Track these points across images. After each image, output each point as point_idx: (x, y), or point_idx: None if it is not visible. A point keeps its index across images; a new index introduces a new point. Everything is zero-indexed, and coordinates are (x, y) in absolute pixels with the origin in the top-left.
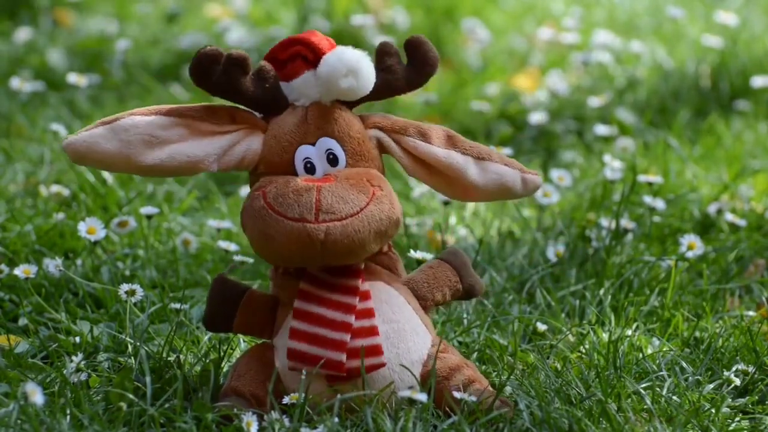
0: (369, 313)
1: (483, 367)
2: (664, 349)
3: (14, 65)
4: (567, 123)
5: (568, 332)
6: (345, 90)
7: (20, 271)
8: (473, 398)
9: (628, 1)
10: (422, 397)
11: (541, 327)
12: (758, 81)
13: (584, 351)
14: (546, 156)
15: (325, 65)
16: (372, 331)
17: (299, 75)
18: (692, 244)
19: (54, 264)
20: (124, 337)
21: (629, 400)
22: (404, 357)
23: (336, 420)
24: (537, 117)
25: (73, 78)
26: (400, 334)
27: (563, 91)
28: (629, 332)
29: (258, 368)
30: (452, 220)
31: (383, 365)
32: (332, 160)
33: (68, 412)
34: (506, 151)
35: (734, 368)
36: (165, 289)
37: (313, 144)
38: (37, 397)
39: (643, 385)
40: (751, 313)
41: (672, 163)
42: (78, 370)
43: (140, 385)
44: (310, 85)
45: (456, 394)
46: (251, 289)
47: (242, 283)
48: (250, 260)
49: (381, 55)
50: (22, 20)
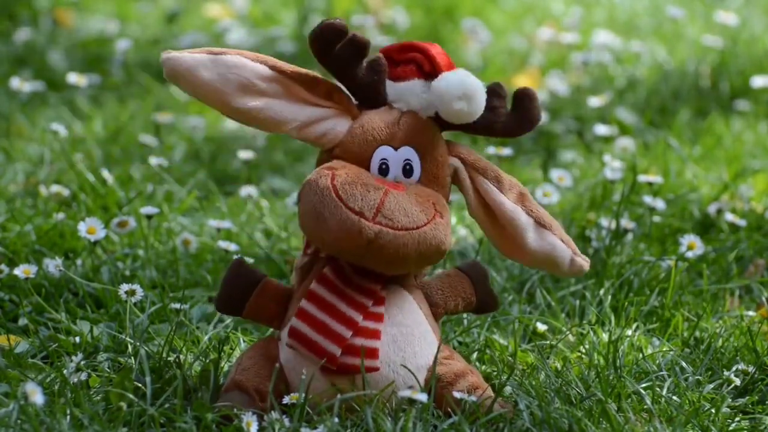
0: (378, 318)
1: (483, 368)
2: (664, 349)
3: (14, 65)
4: (567, 123)
5: (568, 332)
6: (454, 112)
7: (20, 271)
8: (473, 398)
9: (628, 1)
10: (422, 397)
11: (541, 327)
12: (758, 81)
13: (584, 351)
14: (546, 156)
15: (444, 81)
16: (374, 334)
17: (408, 80)
18: (692, 244)
19: (54, 264)
20: (124, 337)
21: (629, 400)
22: (410, 361)
23: (336, 420)
24: None
25: (73, 78)
26: (408, 338)
27: (563, 91)
28: (629, 332)
29: (262, 363)
30: (452, 220)
31: (377, 369)
32: (407, 171)
33: (68, 412)
34: (506, 152)
35: (734, 368)
36: (165, 289)
37: (396, 149)
38: (37, 397)
39: (643, 385)
40: (751, 313)
41: (672, 163)
42: (78, 370)
43: (140, 385)
44: (415, 93)
45: (456, 394)
46: (267, 278)
47: (258, 271)
48: (251, 260)
49: (490, 95)
50: (22, 20)
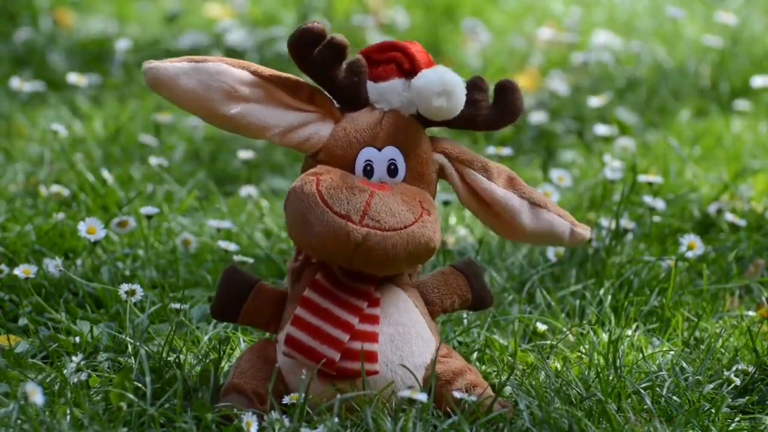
0: (374, 320)
1: (483, 368)
2: (664, 349)
3: (14, 65)
4: (567, 123)
5: (568, 332)
6: (434, 108)
7: (20, 271)
8: (473, 398)
9: (628, 1)
10: (422, 397)
11: (541, 327)
12: (758, 81)
13: (584, 351)
14: (546, 156)
15: (423, 79)
16: (372, 337)
17: (388, 79)
18: (692, 244)
19: (54, 264)
20: (124, 337)
21: (629, 400)
22: (408, 360)
23: (336, 420)
24: (537, 117)
25: (73, 78)
26: (405, 338)
27: (563, 91)
28: (629, 332)
29: (260, 365)
30: (452, 220)
31: (376, 372)
32: (392, 171)
33: (68, 412)
34: (506, 152)
35: (734, 368)
36: (165, 289)
37: (380, 149)
38: (37, 397)
39: (643, 385)
40: (751, 313)
41: (672, 163)
42: (78, 370)
43: (140, 385)
44: (396, 93)
45: (456, 394)
46: (261, 282)
47: (252, 275)
48: (250, 260)
49: (471, 88)
50: (22, 20)
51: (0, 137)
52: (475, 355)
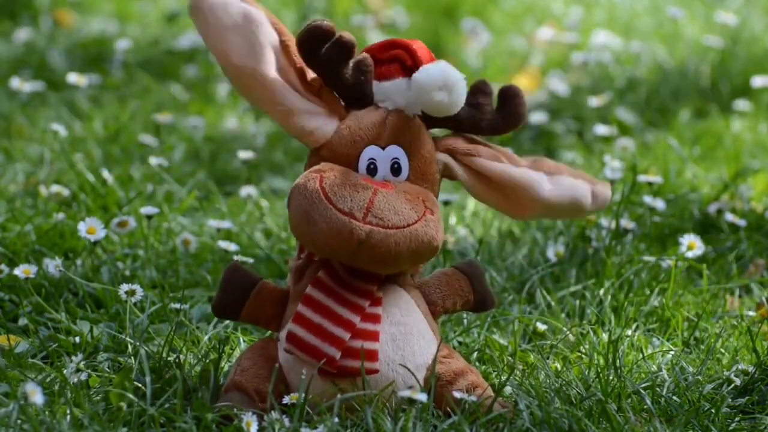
0: (375, 319)
1: (483, 367)
2: (664, 349)
3: (14, 65)
4: (567, 123)
5: (568, 332)
6: (435, 103)
7: (20, 271)
8: (473, 398)
9: (628, 1)
10: (422, 397)
11: (541, 327)
12: (758, 81)
13: (584, 351)
14: (546, 156)
15: (424, 73)
16: (373, 336)
17: (392, 78)
18: (692, 244)
19: (54, 264)
20: (124, 337)
21: (629, 400)
22: (409, 360)
23: (336, 420)
24: (537, 117)
25: (73, 78)
26: (407, 337)
27: (563, 91)
28: (629, 332)
29: (261, 363)
30: (452, 220)
31: (376, 371)
32: (395, 170)
33: (68, 412)
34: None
35: (734, 368)
36: (165, 289)
37: (383, 148)
38: (37, 397)
39: (643, 385)
40: (751, 313)
41: (672, 163)
42: (78, 370)
43: (140, 385)
44: (400, 92)
45: (456, 394)
46: (263, 280)
47: (255, 274)
48: (250, 260)
49: (475, 92)
50: (22, 20)
51: (0, 137)
52: (475, 355)
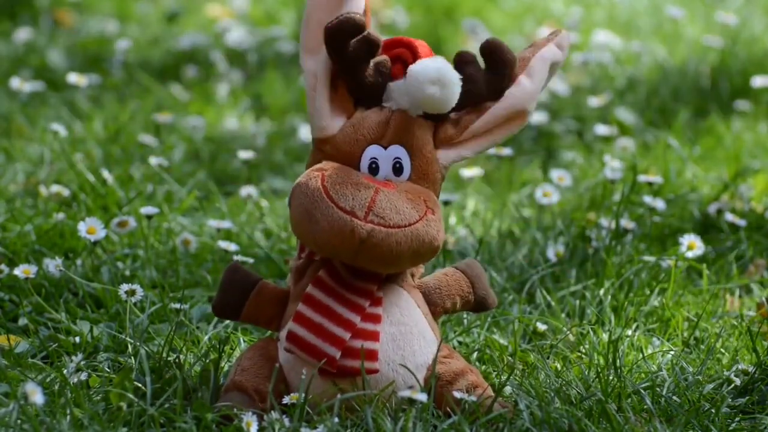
0: (375, 318)
1: (483, 367)
2: (664, 349)
3: (14, 65)
4: (567, 123)
5: (568, 332)
6: (427, 97)
7: (20, 271)
8: (473, 398)
9: (628, 1)
10: (422, 397)
11: (541, 327)
12: (758, 81)
13: (584, 351)
14: (546, 156)
15: (420, 66)
16: (373, 336)
17: (396, 79)
18: (692, 244)
19: (54, 264)
20: (124, 337)
21: (629, 400)
22: (409, 360)
23: (336, 420)
24: (537, 117)
25: (73, 78)
26: (407, 337)
27: (563, 91)
28: (629, 332)
29: (261, 363)
30: (452, 220)
31: (376, 371)
32: (397, 170)
33: (68, 412)
34: (506, 152)
35: (734, 368)
36: (165, 289)
37: (385, 147)
38: (37, 397)
39: (643, 385)
40: (751, 313)
41: (672, 163)
42: (78, 370)
43: (140, 385)
44: (402, 92)
45: (456, 394)
46: (263, 280)
47: (254, 274)
48: (251, 260)
49: (459, 65)
50: (22, 20)
51: (0, 137)
52: (475, 355)
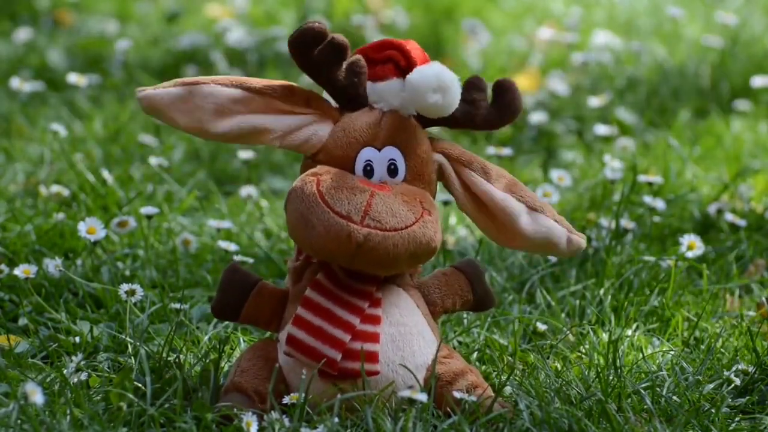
0: (375, 320)
1: (483, 368)
2: (664, 349)
3: (14, 65)
4: (567, 123)
5: (568, 332)
6: (430, 104)
7: (20, 271)
8: (473, 398)
9: (628, 1)
10: (422, 397)
11: (541, 327)
12: (758, 81)
13: (584, 351)
14: (546, 156)
15: (418, 75)
16: (373, 338)
17: (387, 79)
18: (692, 244)
19: (54, 264)
20: (124, 337)
21: (629, 400)
22: (409, 360)
23: (336, 420)
24: (537, 117)
25: (73, 78)
26: (407, 338)
27: (563, 91)
28: (629, 332)
29: (261, 364)
30: (452, 220)
31: (377, 373)
32: (392, 171)
33: (68, 412)
34: (506, 152)
35: (734, 368)
36: (165, 289)
37: (379, 149)
38: (37, 397)
39: (643, 385)
40: (751, 313)
41: (672, 163)
42: (78, 370)
43: (140, 385)
44: (394, 92)
45: (456, 394)
46: (262, 281)
47: (254, 274)
48: (251, 260)
49: (469, 88)
50: (22, 20)
51: (0, 137)
52: (475, 355)
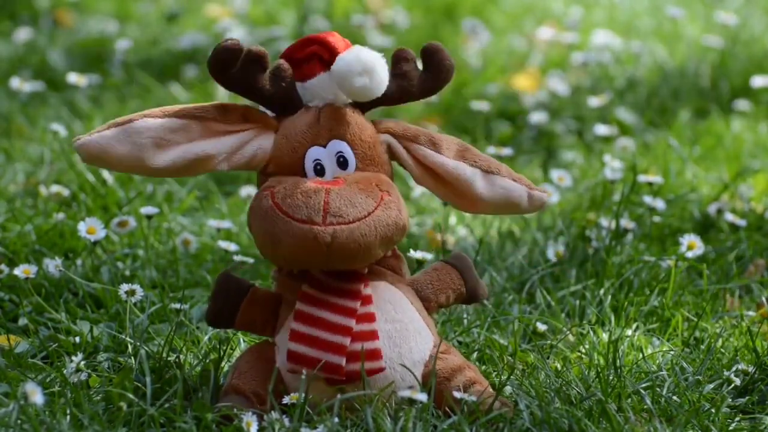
0: (370, 318)
1: (483, 367)
2: (664, 349)
3: (14, 65)
4: (567, 123)
5: (568, 332)
6: (358, 89)
7: (20, 271)
8: (473, 398)
9: (628, 1)
10: (422, 397)
11: (541, 327)
12: (758, 81)
13: (584, 351)
14: (546, 156)
15: (341, 62)
16: (372, 336)
17: (315, 76)
18: (692, 244)
19: (54, 264)
20: (124, 337)
21: (629, 400)
22: (406, 357)
23: (336, 420)
24: (537, 117)
25: (73, 78)
26: (403, 334)
27: (563, 91)
28: (629, 332)
29: (259, 366)
30: (452, 220)
31: (382, 369)
32: (342, 163)
33: (68, 412)
34: (506, 152)
35: (734, 368)
36: (165, 289)
37: (324, 146)
38: (37, 397)
39: (643, 385)
40: (751, 313)
41: (672, 163)
42: (78, 370)
43: (140, 385)
44: (325, 86)
45: (456, 394)
46: (255, 286)
47: (246, 280)
48: (251, 260)
49: (397, 61)
50: (22, 20)
51: (0, 137)
52: (475, 355)
